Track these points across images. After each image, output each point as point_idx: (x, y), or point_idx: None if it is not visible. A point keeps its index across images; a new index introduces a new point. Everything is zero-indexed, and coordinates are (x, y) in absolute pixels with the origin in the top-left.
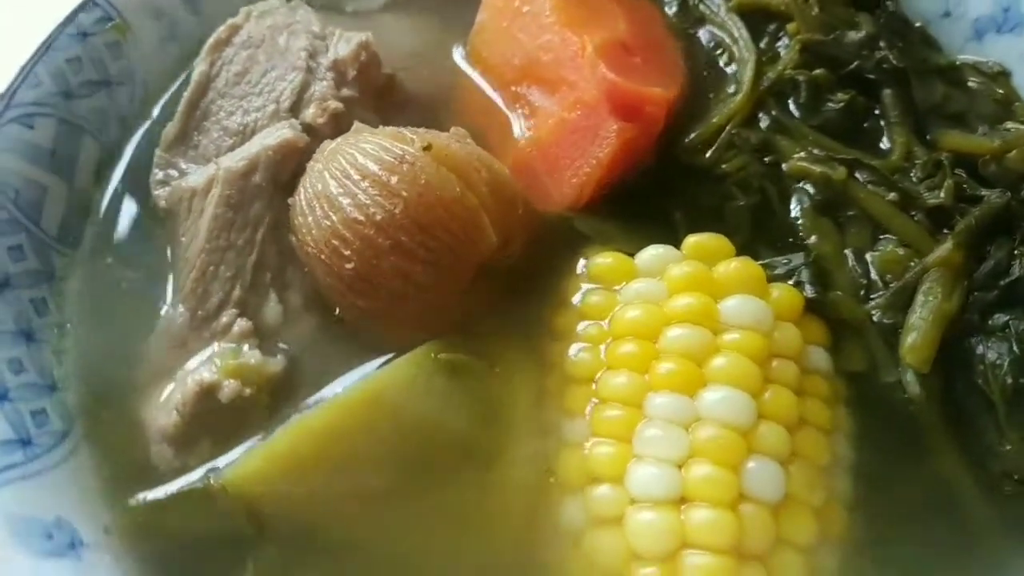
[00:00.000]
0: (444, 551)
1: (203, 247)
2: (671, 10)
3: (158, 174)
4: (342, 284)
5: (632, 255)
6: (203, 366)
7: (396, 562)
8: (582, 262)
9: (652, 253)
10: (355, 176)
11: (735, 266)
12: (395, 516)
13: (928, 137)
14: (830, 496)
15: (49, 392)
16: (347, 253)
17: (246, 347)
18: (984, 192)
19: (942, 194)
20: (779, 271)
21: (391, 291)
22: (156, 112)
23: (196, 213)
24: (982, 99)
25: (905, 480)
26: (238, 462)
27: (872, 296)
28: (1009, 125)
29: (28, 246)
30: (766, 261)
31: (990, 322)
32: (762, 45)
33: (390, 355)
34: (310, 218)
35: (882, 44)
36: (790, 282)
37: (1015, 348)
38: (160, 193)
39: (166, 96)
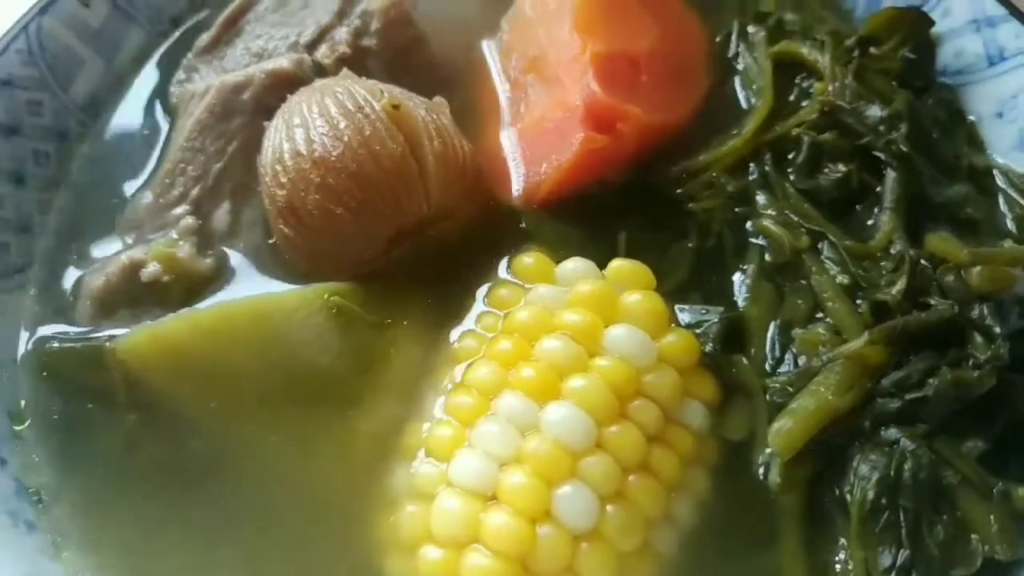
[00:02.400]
0: (281, 473)
1: (181, 144)
2: (715, 41)
3: (180, 75)
4: (275, 209)
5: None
6: (141, 246)
7: (235, 464)
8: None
9: (572, 265)
10: (315, 113)
11: (638, 298)
12: (248, 427)
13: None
14: (644, 549)
15: (20, 232)
16: (283, 181)
17: (184, 242)
18: (935, 301)
19: (893, 291)
20: (690, 318)
21: (312, 227)
22: (203, 16)
23: (188, 114)
24: (1003, 209)
25: (738, 564)
26: (130, 333)
27: (779, 372)
28: (1007, 243)
29: (48, 105)
30: (684, 306)
31: (881, 433)
32: (791, 98)
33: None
34: (269, 143)
35: (902, 127)
36: (697, 332)
37: (891, 468)
38: (174, 91)
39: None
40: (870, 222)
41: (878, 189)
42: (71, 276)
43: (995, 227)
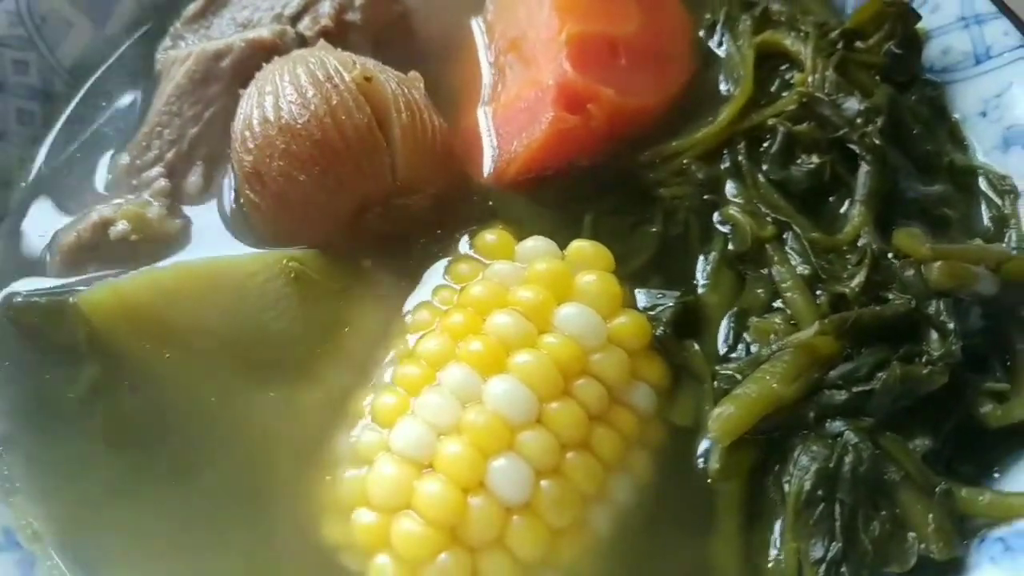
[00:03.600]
0: (233, 432)
1: (160, 108)
2: (700, 28)
3: (167, 42)
4: (242, 174)
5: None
6: (112, 204)
7: (189, 421)
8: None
9: (532, 244)
10: (286, 81)
11: (592, 279)
12: (202, 386)
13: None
14: (577, 526)
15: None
16: (251, 146)
17: (155, 203)
18: (893, 295)
19: (852, 284)
20: (646, 302)
21: (275, 192)
22: None
23: (169, 79)
24: (982, 211)
25: (673, 548)
26: (93, 288)
27: (731, 358)
28: (976, 241)
29: (34, 65)
30: (643, 290)
31: (826, 426)
32: (772, 88)
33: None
34: (241, 109)
35: (878, 121)
36: (651, 315)
37: (831, 461)
38: (159, 57)
39: None
40: (840, 215)
41: (853, 183)
42: (44, 231)
43: (971, 227)
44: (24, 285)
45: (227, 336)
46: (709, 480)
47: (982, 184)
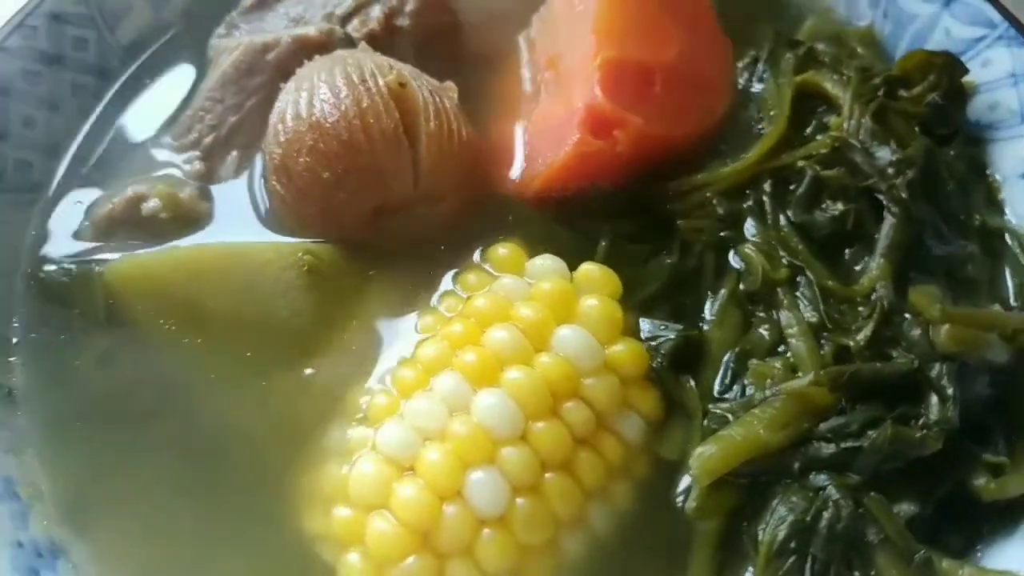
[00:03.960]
0: (234, 412)
1: (205, 94)
2: (742, 63)
3: (221, 30)
4: (271, 165)
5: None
6: (148, 181)
7: (193, 395)
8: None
9: (542, 262)
10: (323, 80)
11: (595, 303)
12: (210, 363)
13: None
14: (548, 547)
15: (45, 153)
16: (281, 140)
17: (189, 185)
18: (897, 353)
19: (858, 337)
20: (649, 332)
21: (300, 186)
22: None
23: (217, 67)
24: (1007, 274)
25: None
26: (117, 260)
27: (726, 398)
28: (995, 307)
29: (94, 43)
30: (648, 320)
31: (810, 478)
32: (808, 130)
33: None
34: (279, 103)
35: (909, 173)
36: (651, 345)
37: (808, 514)
38: (212, 43)
39: None
40: (860, 266)
41: (877, 235)
42: (83, 200)
43: (997, 291)
44: (59, 250)
45: (237, 319)
46: (687, 518)
47: (1014, 248)
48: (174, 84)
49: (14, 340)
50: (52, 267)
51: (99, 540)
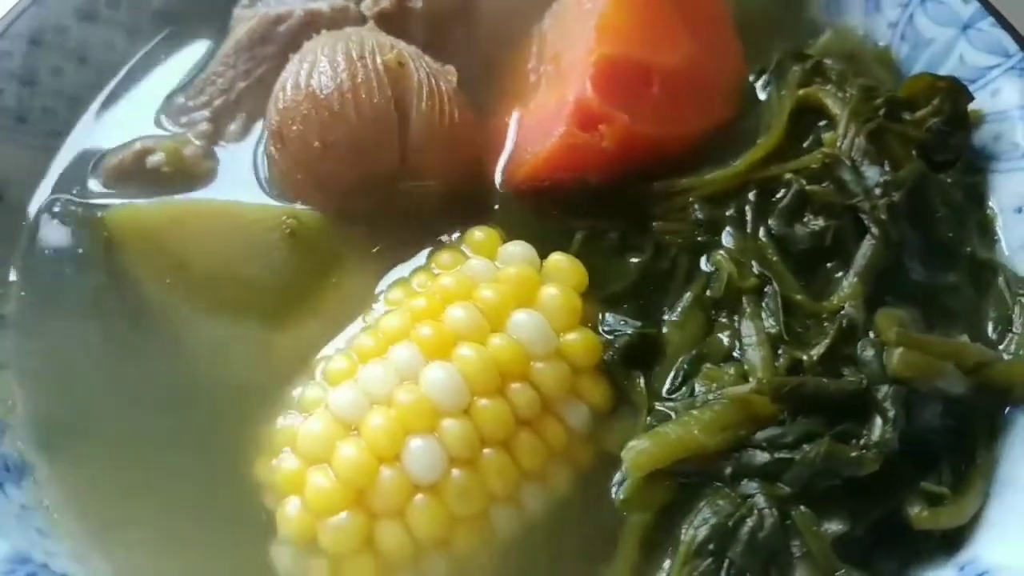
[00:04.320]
0: (210, 359)
1: (219, 59)
2: (752, 72)
3: (245, 1)
4: (268, 131)
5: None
6: (157, 137)
7: (173, 340)
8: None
9: (513, 248)
10: (325, 54)
11: (555, 292)
12: (191, 312)
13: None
14: (479, 521)
15: (70, 103)
16: (280, 107)
17: (194, 143)
18: (848, 371)
19: (812, 351)
20: (610, 326)
21: (291, 153)
22: None
23: (233, 34)
24: (990, 310)
25: (569, 567)
26: (117, 206)
27: (674, 396)
28: (963, 338)
29: (126, 4)
30: (612, 314)
31: (739, 484)
32: (805, 144)
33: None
34: (284, 72)
35: (895, 195)
36: (609, 338)
37: (731, 519)
38: (236, 12)
39: None
40: (834, 282)
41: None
42: (99, 148)
43: (977, 324)
44: (70, 193)
45: (218, 273)
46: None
47: (1000, 283)
48: (197, 49)
49: (12, 272)
50: (61, 207)
51: (64, 463)
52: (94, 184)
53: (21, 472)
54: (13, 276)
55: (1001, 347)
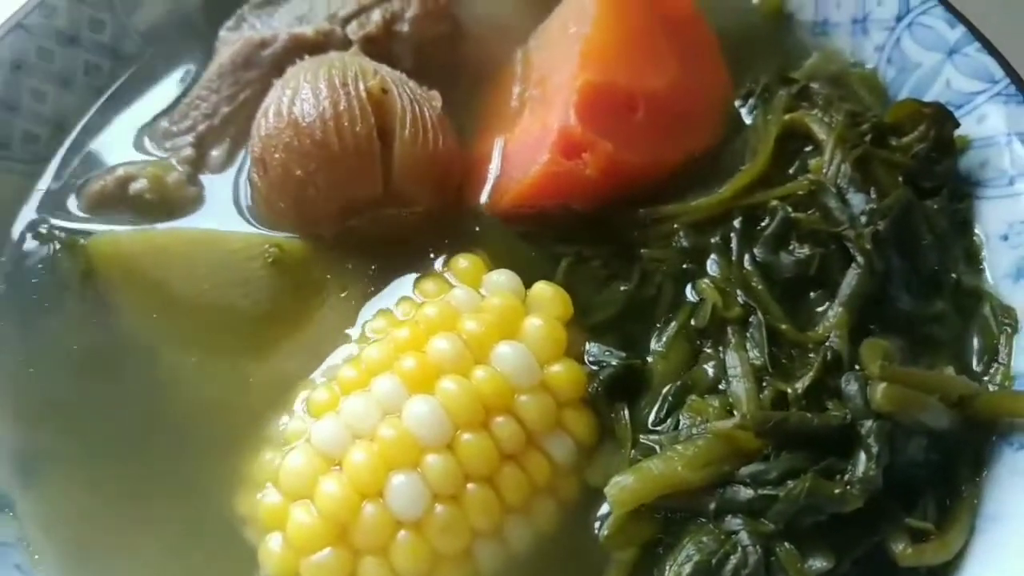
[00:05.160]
0: (187, 390)
1: (202, 83)
2: (738, 96)
3: (230, 23)
4: (252, 157)
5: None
6: (140, 163)
7: (150, 368)
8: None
9: (498, 277)
10: (307, 80)
11: (538, 323)
12: (169, 341)
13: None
14: (462, 557)
15: (54, 128)
16: (262, 134)
17: (177, 169)
18: (832, 405)
19: (797, 384)
20: (595, 357)
21: (273, 180)
22: None
23: (217, 57)
24: (975, 340)
25: None
26: (98, 234)
27: (658, 430)
28: (947, 370)
29: (109, 25)
30: (596, 344)
31: (724, 520)
32: (791, 170)
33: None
34: (266, 99)
35: (880, 223)
36: (594, 370)
37: (714, 557)
38: (221, 35)
39: None
40: (819, 311)
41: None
42: (82, 174)
43: (961, 353)
44: (51, 219)
45: (199, 302)
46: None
47: (985, 311)
48: (183, 72)
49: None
50: (42, 233)
51: (43, 496)
52: (76, 210)
53: (1, 506)
54: None
55: (987, 377)
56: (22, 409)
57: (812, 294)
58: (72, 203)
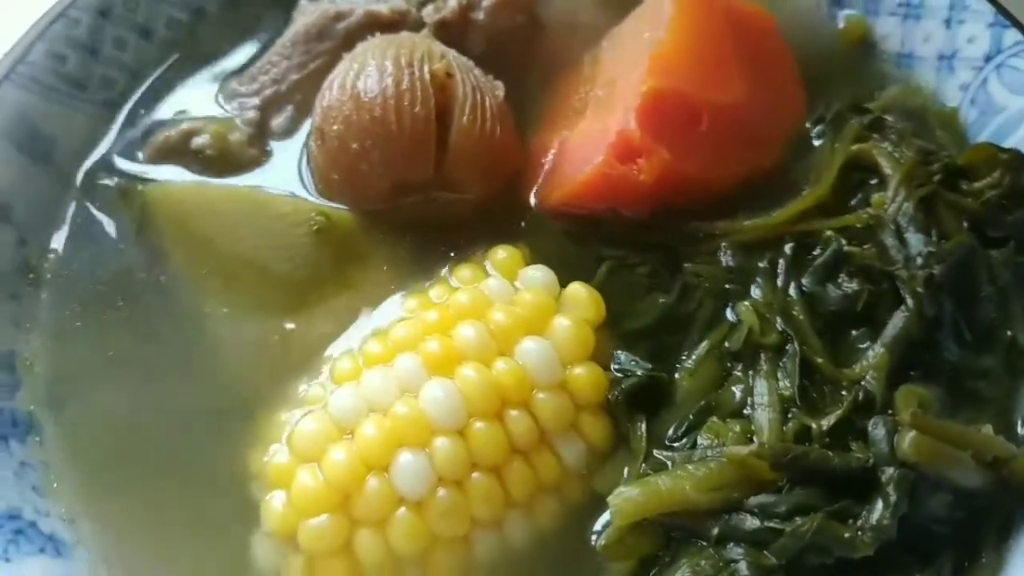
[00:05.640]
0: (220, 342)
1: (275, 49)
2: (811, 123)
3: None
4: (312, 127)
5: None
6: (205, 119)
7: (188, 317)
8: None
9: (534, 273)
10: (375, 57)
11: (567, 323)
12: (209, 293)
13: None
14: (459, 544)
15: (131, 76)
16: (324, 104)
17: (240, 129)
18: (856, 447)
19: (823, 421)
20: (622, 364)
21: (329, 151)
22: None
23: (293, 25)
24: (1022, 399)
25: None
26: (157, 183)
27: (673, 446)
28: (986, 428)
29: None
30: (625, 353)
31: (724, 547)
32: (853, 201)
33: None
34: (334, 71)
35: (936, 268)
36: (618, 376)
37: None
38: (302, 4)
39: None
40: (861, 348)
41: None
42: (151, 123)
43: (1007, 413)
44: (116, 163)
45: (242, 260)
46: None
47: None
48: (261, 37)
49: (54, 234)
50: (105, 177)
51: (70, 426)
52: (141, 157)
53: (27, 429)
54: (54, 238)
55: None
56: (67, 342)
57: (855, 331)
58: (137, 151)
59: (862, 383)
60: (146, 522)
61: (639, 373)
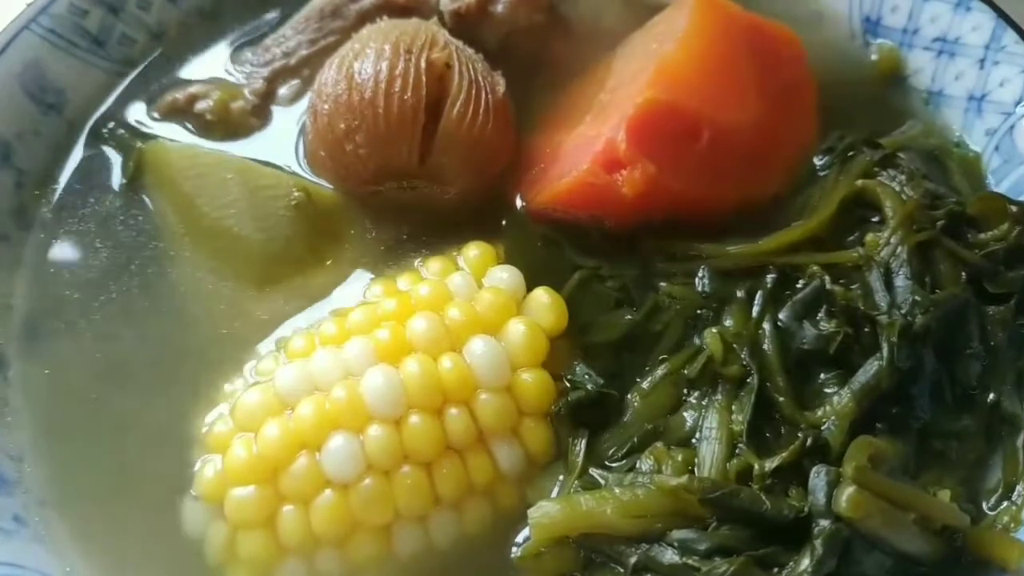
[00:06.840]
0: (189, 299)
1: (291, 23)
2: (820, 153)
3: None
4: (309, 104)
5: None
6: (212, 84)
7: (165, 271)
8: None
9: (501, 273)
10: (376, 42)
11: (522, 327)
12: (186, 250)
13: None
14: (379, 534)
15: (151, 36)
16: (321, 82)
17: (244, 99)
18: (793, 494)
19: (767, 462)
20: (576, 376)
21: (318, 129)
22: None
23: (313, 1)
24: (996, 471)
25: None
26: (154, 141)
27: (613, 466)
28: (943, 494)
29: None
30: (583, 364)
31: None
32: (851, 237)
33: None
34: (339, 50)
35: (918, 319)
36: (568, 387)
37: None
38: None
39: None
40: (828, 392)
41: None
42: (162, 83)
43: (972, 480)
44: (123, 118)
45: (220, 226)
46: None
47: (1018, 443)
48: (281, 10)
49: (57, 181)
50: (108, 131)
51: (37, 364)
52: (145, 115)
53: None
54: (51, 184)
55: (993, 513)
56: (47, 282)
57: (825, 374)
58: (144, 109)
59: (821, 429)
60: (89, 470)
61: (590, 387)
